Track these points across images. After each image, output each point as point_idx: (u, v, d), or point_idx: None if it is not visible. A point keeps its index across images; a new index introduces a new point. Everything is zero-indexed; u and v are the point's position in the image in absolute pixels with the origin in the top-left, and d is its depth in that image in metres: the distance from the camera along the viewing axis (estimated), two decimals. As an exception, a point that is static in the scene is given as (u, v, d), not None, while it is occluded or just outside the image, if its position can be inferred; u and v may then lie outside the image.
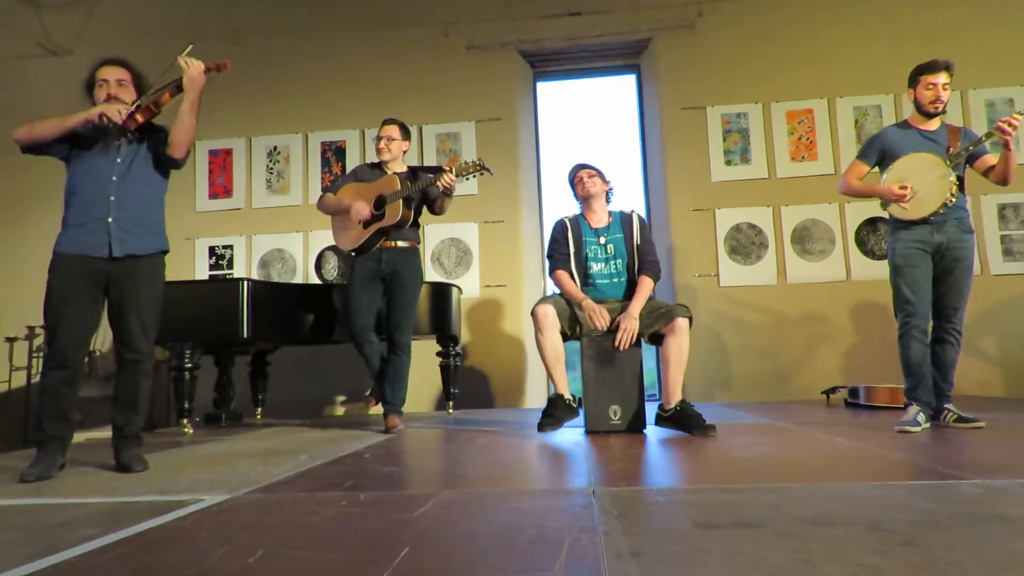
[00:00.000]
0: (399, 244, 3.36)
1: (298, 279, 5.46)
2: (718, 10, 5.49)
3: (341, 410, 5.32)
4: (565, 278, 3.10)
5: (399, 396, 3.37)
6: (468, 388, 4.97)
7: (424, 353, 4.19)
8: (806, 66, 5.34)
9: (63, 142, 2.32)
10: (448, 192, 3.25)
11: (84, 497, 1.83)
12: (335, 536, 1.31)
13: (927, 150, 2.84)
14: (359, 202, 3.29)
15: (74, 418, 2.33)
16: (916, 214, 2.82)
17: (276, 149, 5.71)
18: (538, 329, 2.95)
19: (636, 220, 3.19)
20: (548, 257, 3.20)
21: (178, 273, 4.96)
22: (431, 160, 5.50)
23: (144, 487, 1.95)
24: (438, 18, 5.66)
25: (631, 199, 6.04)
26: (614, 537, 1.22)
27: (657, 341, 3.00)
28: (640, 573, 1.02)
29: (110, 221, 2.29)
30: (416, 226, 3.44)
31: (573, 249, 3.12)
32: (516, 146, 5.56)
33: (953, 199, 2.76)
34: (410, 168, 3.49)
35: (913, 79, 2.92)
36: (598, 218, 3.21)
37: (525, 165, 5.62)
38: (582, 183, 3.21)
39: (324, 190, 3.55)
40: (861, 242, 5.14)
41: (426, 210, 3.43)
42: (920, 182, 2.80)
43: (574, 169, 3.27)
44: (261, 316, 3.70)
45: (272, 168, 5.69)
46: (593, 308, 2.95)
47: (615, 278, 3.12)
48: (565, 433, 2.97)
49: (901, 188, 2.80)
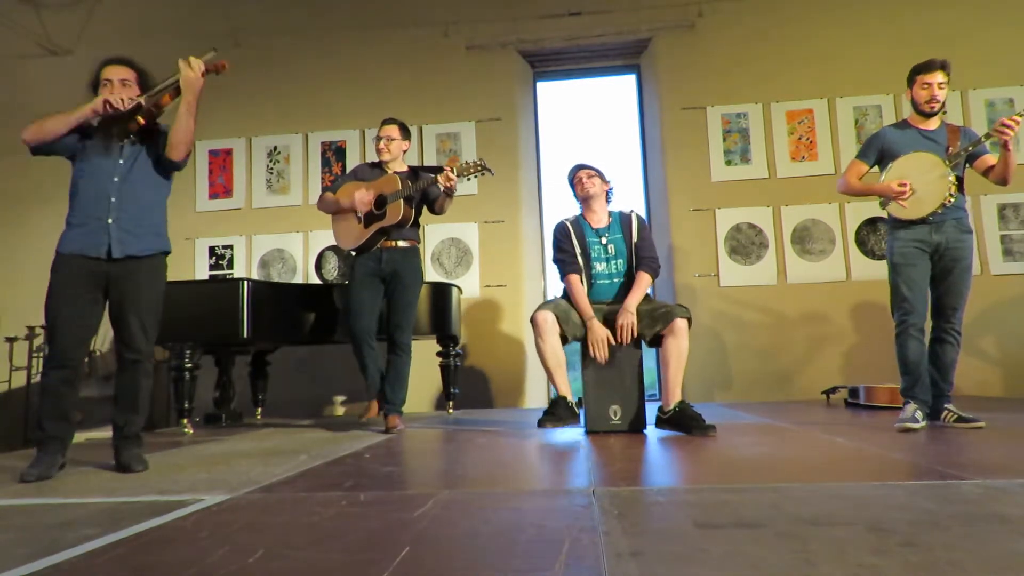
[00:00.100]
0: (399, 244, 3.36)
1: (298, 279, 5.46)
2: (718, 10, 5.49)
3: (341, 410, 5.32)
4: (576, 284, 3.08)
5: (399, 396, 3.37)
6: (468, 388, 4.97)
7: (424, 353, 4.19)
8: (806, 66, 5.34)
9: (71, 140, 2.31)
10: (449, 192, 3.25)
11: (84, 497, 1.83)
12: (335, 536, 1.31)
13: (926, 149, 2.84)
14: (360, 190, 3.28)
15: (74, 418, 2.33)
16: (915, 213, 2.82)
17: (276, 149, 5.71)
18: (538, 335, 2.95)
19: (635, 220, 3.19)
20: (557, 262, 3.17)
21: (178, 273, 4.96)
22: (431, 160, 5.50)
23: (144, 487, 1.95)
24: (438, 18, 5.66)
25: (631, 199, 6.05)
26: (614, 537, 1.22)
27: (656, 342, 2.99)
28: (640, 573, 1.02)
29: (110, 222, 2.29)
30: (416, 226, 3.44)
31: (579, 251, 3.12)
32: (516, 146, 5.56)
33: (952, 199, 2.75)
34: (411, 168, 3.49)
35: (910, 79, 2.93)
36: (598, 218, 3.21)
37: (525, 165, 5.62)
38: (581, 184, 3.20)
39: (324, 190, 3.54)
40: (861, 242, 5.14)
41: (426, 210, 3.43)
42: (919, 181, 2.80)
43: (573, 169, 3.27)
44: (261, 316, 3.70)
45: (272, 168, 5.69)
46: (599, 341, 2.92)
47: (615, 278, 3.12)
48: (565, 433, 2.97)
49: (900, 185, 2.81)
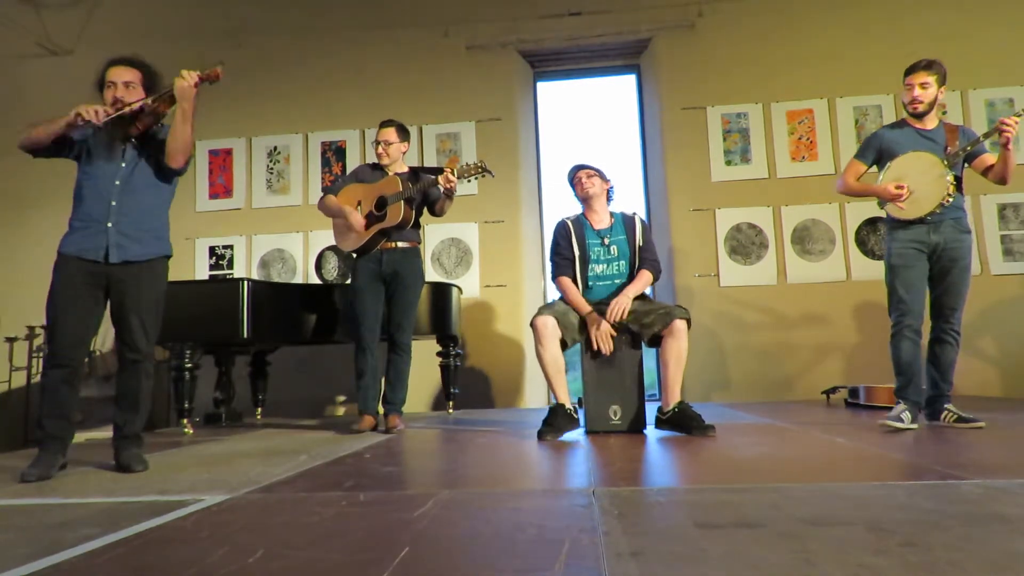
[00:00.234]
0: (400, 245, 3.36)
1: (298, 279, 5.46)
2: (718, 10, 5.49)
3: (341, 410, 5.32)
4: (568, 285, 3.09)
5: (399, 396, 3.38)
6: (468, 388, 4.97)
7: (424, 353, 4.19)
8: (806, 66, 5.34)
9: (67, 144, 2.32)
10: (449, 194, 3.24)
11: (84, 497, 1.83)
12: (335, 536, 1.31)
13: (925, 149, 2.82)
14: (355, 214, 3.29)
15: (74, 418, 2.34)
16: (913, 213, 2.81)
17: (276, 149, 5.71)
18: (538, 340, 2.92)
19: (638, 223, 3.17)
20: (552, 262, 3.17)
21: (178, 273, 4.95)
22: (431, 160, 5.50)
23: (144, 487, 1.95)
24: (438, 18, 5.66)
25: (631, 199, 6.05)
26: (614, 537, 1.22)
27: (656, 343, 2.98)
28: (640, 573, 1.02)
29: (109, 226, 2.29)
30: (417, 227, 3.44)
31: (577, 252, 3.11)
32: (516, 146, 5.55)
33: (950, 199, 2.75)
34: (411, 169, 3.48)
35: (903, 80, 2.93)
36: (600, 218, 3.20)
37: (525, 165, 5.62)
38: (581, 184, 3.19)
39: (324, 190, 3.54)
40: (861, 242, 5.14)
41: (426, 211, 3.43)
42: (917, 181, 2.79)
43: (573, 169, 3.26)
44: (261, 316, 3.70)
45: (272, 168, 5.69)
46: (602, 333, 2.93)
47: (616, 279, 3.09)
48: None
49: (897, 188, 2.80)
